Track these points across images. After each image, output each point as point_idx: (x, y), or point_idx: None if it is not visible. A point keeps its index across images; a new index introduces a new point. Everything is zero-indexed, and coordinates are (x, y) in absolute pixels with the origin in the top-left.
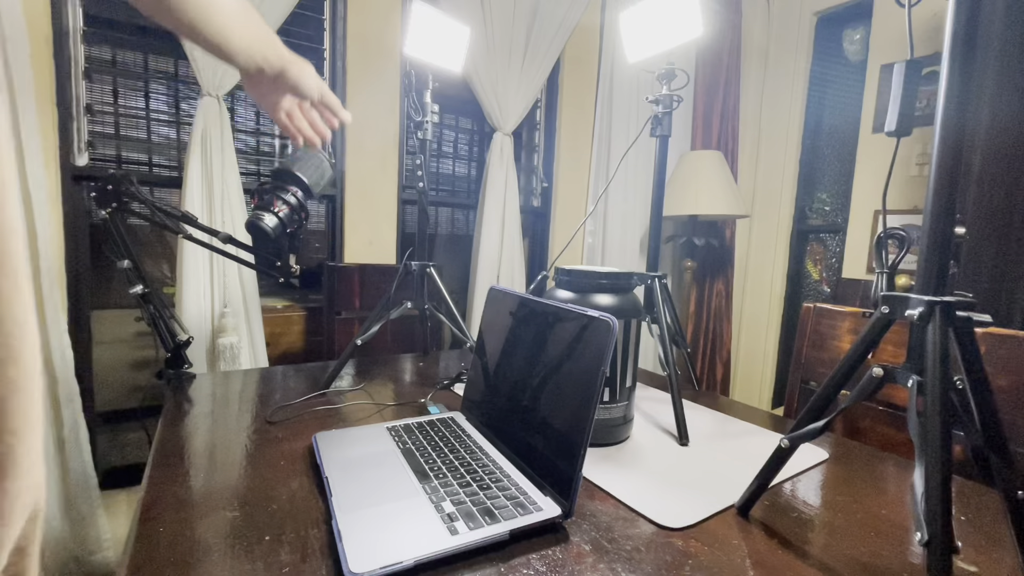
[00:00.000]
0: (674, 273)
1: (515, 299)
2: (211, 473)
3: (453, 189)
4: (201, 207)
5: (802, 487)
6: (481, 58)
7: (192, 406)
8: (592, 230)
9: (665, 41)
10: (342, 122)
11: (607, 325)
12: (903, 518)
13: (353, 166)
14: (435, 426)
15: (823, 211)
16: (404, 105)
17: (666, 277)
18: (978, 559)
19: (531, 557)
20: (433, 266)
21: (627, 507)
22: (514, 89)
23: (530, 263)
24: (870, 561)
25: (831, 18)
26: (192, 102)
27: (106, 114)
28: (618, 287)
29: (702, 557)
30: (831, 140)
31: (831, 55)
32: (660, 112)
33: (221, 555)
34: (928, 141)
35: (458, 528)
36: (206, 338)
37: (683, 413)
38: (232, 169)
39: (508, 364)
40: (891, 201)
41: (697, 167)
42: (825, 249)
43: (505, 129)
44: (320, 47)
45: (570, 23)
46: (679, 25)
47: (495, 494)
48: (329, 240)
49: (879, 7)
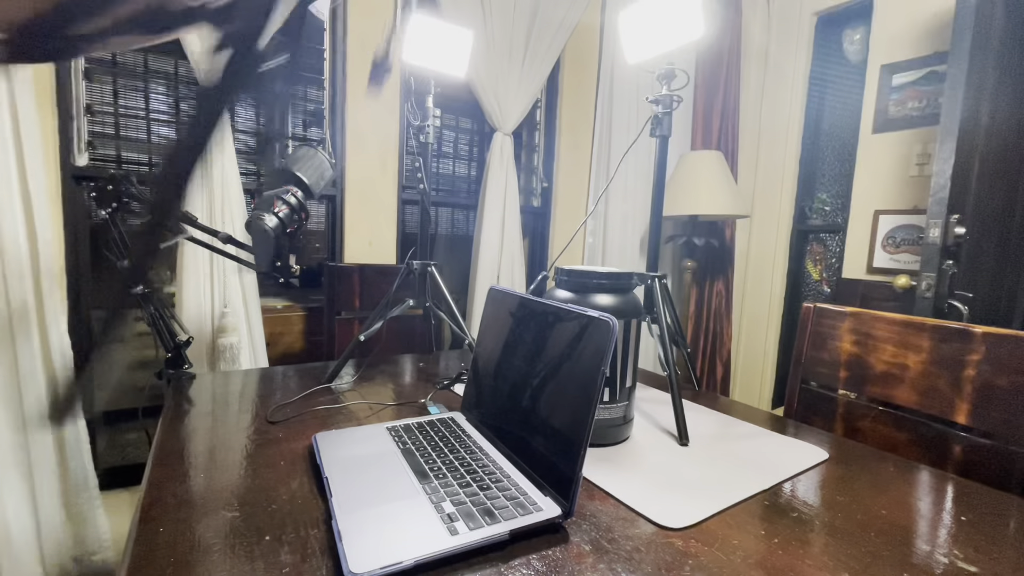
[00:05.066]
0: (674, 273)
1: (515, 299)
2: (211, 473)
3: (453, 189)
4: (201, 207)
5: (802, 487)
6: (481, 58)
7: (192, 406)
8: (592, 230)
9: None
10: None
11: (607, 325)
12: (903, 518)
13: (353, 166)
14: (435, 426)
15: (823, 211)
16: (404, 105)
17: (666, 277)
18: (978, 559)
19: (531, 557)
20: (434, 265)
21: (627, 507)
22: (514, 89)
23: (530, 263)
24: (870, 561)
25: (831, 18)
26: (192, 102)
27: (106, 114)
28: (618, 287)
29: (702, 557)
30: (831, 140)
31: (831, 55)
32: (660, 112)
33: (221, 555)
34: (928, 141)
35: (458, 528)
36: (206, 338)
37: (683, 413)
38: (232, 169)
39: (508, 364)
40: (891, 201)
41: (697, 167)
42: (825, 249)
43: (505, 129)
44: (320, 47)
45: (570, 23)
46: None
47: (495, 494)
48: (329, 240)
49: (879, 7)
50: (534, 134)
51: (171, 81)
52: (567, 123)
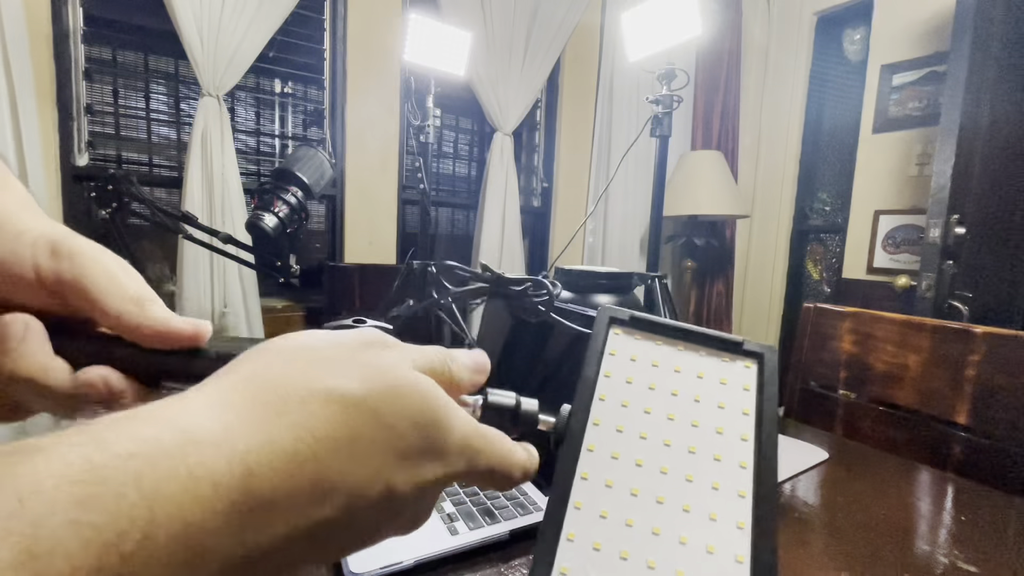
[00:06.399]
0: (674, 273)
1: None
2: None
3: (453, 189)
4: (201, 207)
5: (802, 487)
6: (481, 58)
7: None
8: (592, 230)
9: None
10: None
11: None
12: (903, 518)
13: (353, 166)
14: None
15: (823, 211)
16: (404, 105)
17: (666, 277)
18: (978, 559)
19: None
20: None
21: None
22: (514, 89)
23: (530, 263)
24: (870, 561)
25: (831, 18)
26: (192, 102)
27: (106, 114)
28: (618, 287)
29: None
30: (831, 140)
31: (831, 55)
32: (660, 112)
33: None
34: (928, 141)
35: (458, 528)
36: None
37: None
38: (232, 169)
39: (508, 364)
40: (891, 201)
41: (697, 167)
42: (825, 249)
43: (505, 129)
44: (320, 47)
45: (570, 23)
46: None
47: (495, 494)
48: (329, 240)
49: (879, 7)
50: (534, 134)
51: (171, 81)
52: (567, 123)
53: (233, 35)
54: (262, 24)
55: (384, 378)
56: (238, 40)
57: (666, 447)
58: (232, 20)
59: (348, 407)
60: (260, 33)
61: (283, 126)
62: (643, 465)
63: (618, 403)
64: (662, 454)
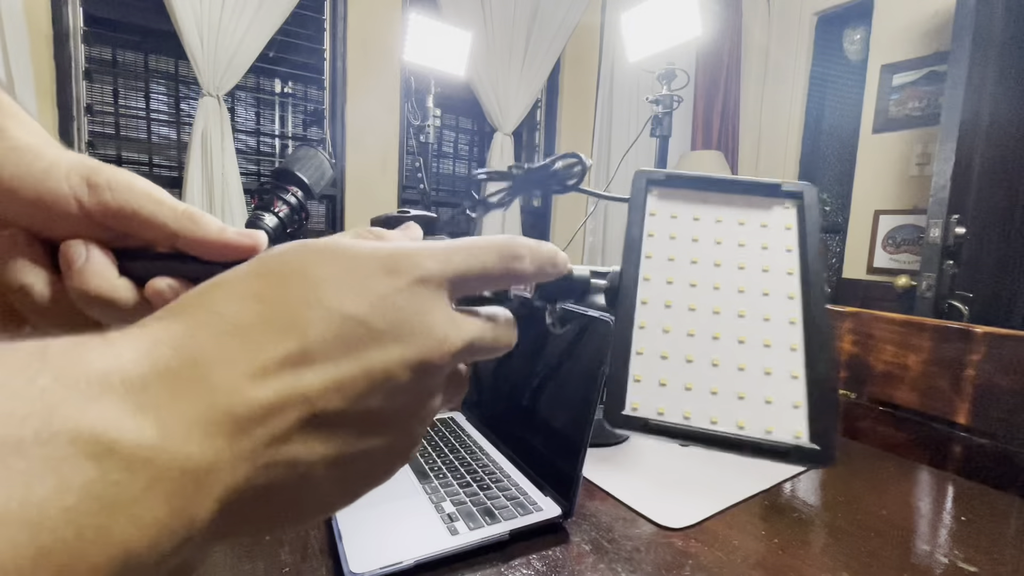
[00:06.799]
0: None
1: (515, 299)
2: None
3: (453, 189)
4: (201, 207)
5: (802, 487)
6: (481, 58)
7: None
8: (592, 230)
9: (665, 40)
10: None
11: (607, 325)
12: (903, 518)
13: (353, 166)
14: (435, 426)
15: (823, 211)
16: (404, 105)
17: None
18: (978, 559)
19: (531, 557)
20: None
21: (627, 507)
22: (514, 89)
23: None
24: (870, 561)
25: (831, 18)
26: (192, 102)
27: (106, 114)
28: None
29: (702, 557)
30: (831, 140)
31: (831, 55)
32: (660, 112)
33: (221, 555)
34: (928, 141)
35: (458, 528)
36: None
37: None
38: (232, 169)
39: (508, 364)
40: (891, 201)
41: (697, 167)
42: (825, 249)
43: (505, 129)
44: (320, 47)
45: (570, 24)
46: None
47: (495, 494)
48: None
49: (879, 7)
50: (534, 134)
51: (171, 81)
52: (567, 123)
53: (233, 35)
54: (262, 24)
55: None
56: (238, 40)
57: (716, 291)
58: (232, 20)
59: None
60: (260, 33)
61: (283, 126)
62: (696, 310)
63: (664, 258)
64: (713, 297)
